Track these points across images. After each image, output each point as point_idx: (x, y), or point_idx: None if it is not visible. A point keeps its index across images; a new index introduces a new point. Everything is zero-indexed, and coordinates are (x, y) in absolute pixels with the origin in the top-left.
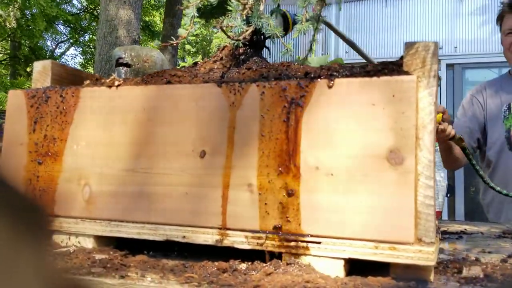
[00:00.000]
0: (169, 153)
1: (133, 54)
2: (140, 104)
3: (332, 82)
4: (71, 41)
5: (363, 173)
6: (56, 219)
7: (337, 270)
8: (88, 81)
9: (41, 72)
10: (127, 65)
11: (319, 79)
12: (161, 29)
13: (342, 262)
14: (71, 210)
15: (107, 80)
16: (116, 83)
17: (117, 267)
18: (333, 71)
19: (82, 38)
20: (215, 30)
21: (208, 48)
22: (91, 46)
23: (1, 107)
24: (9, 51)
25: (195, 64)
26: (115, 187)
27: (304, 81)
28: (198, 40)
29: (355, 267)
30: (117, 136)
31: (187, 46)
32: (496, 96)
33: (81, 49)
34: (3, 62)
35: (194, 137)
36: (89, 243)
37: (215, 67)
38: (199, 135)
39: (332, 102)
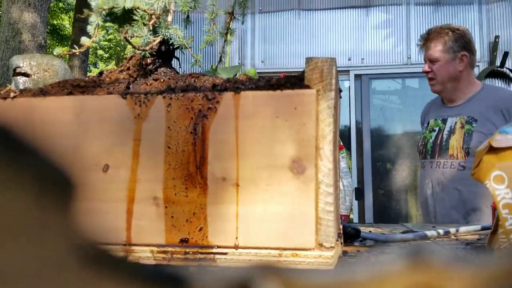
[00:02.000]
0: (70, 167)
1: (32, 63)
2: (38, 116)
3: (238, 95)
4: None
5: (267, 183)
6: None
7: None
8: None
9: None
10: (25, 74)
11: (225, 92)
12: (70, 33)
13: None
14: None
15: (2, 92)
16: (12, 94)
17: None
18: (240, 83)
19: None
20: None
21: (122, 53)
22: None
23: None
24: None
25: (101, 73)
26: None
27: (211, 93)
28: (112, 45)
29: None
30: None
31: (100, 51)
32: (428, 115)
33: None
34: None
35: (97, 150)
36: None
37: (121, 77)
38: (102, 148)
39: (238, 114)
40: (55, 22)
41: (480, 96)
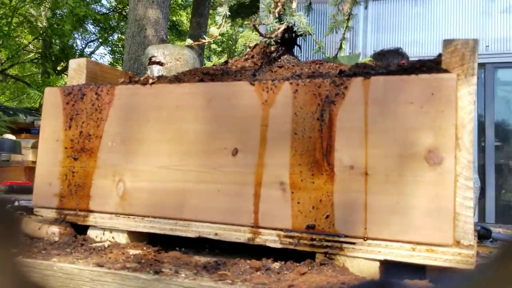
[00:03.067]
0: (201, 150)
1: (165, 52)
2: (173, 102)
3: (368, 80)
4: (100, 40)
5: (400, 173)
6: (91, 214)
7: (372, 272)
8: (122, 79)
9: (76, 70)
10: (159, 63)
11: (354, 77)
12: (188, 29)
13: (378, 263)
14: (105, 205)
15: (141, 78)
16: (150, 81)
17: (151, 263)
18: (369, 68)
19: (111, 37)
20: (240, 29)
21: (233, 47)
22: (120, 46)
23: (33, 104)
24: (40, 50)
25: (226, 62)
26: (148, 183)
27: (339, 79)
28: (224, 39)
29: (387, 269)
30: (151, 133)
31: (213, 46)
32: None
33: (109, 48)
34: (34, 60)
35: (226, 135)
36: (122, 238)
37: (247, 65)
38: (231, 133)
39: (368, 100)
40: (174, 18)
41: None
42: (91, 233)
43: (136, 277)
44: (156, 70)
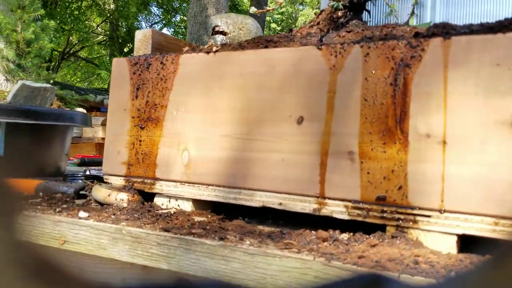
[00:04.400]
0: (266, 118)
1: (228, 21)
2: (237, 70)
3: (449, 41)
4: (164, 22)
5: (482, 141)
6: (157, 182)
7: (449, 246)
8: (186, 48)
9: (142, 40)
10: (223, 33)
11: (432, 38)
12: (247, 8)
13: (455, 238)
14: (171, 174)
15: (206, 47)
16: (214, 49)
17: (216, 230)
18: (450, 28)
19: (173, 18)
20: (300, 7)
21: (293, 26)
22: (182, 27)
23: (102, 85)
24: (108, 33)
25: (291, 30)
26: (212, 152)
27: (415, 41)
28: (284, 17)
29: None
30: (215, 102)
31: (273, 25)
32: None
33: (173, 29)
34: (102, 43)
35: (291, 102)
36: (187, 206)
37: (312, 31)
38: (297, 101)
39: (448, 63)
40: None
41: None
42: (157, 200)
43: (201, 242)
44: (219, 40)
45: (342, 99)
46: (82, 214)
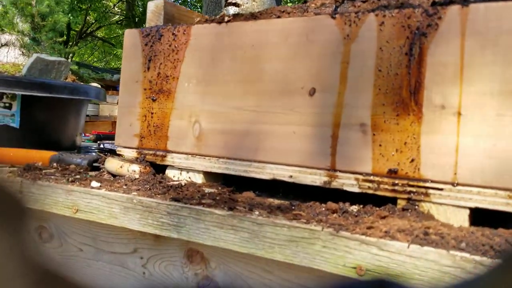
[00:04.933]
0: (278, 90)
1: None
2: (249, 40)
3: (466, 8)
4: (179, 1)
5: (499, 113)
6: (168, 154)
7: (461, 219)
8: (198, 19)
9: (154, 11)
10: (235, 4)
11: (450, 5)
12: None
13: (468, 211)
14: (182, 146)
15: (217, 16)
16: (226, 19)
17: (226, 200)
18: None
19: None
20: None
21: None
22: (198, 6)
23: (119, 65)
24: (124, 12)
25: (305, 1)
26: (223, 125)
27: (432, 8)
28: None
29: (476, 219)
30: (226, 73)
31: (289, 4)
32: None
33: (188, 8)
34: (119, 22)
35: (304, 74)
36: (198, 178)
37: (327, 2)
38: (309, 72)
39: (465, 31)
40: None
41: None
42: (168, 172)
43: (211, 212)
44: (232, 11)
45: (356, 70)
46: (95, 184)
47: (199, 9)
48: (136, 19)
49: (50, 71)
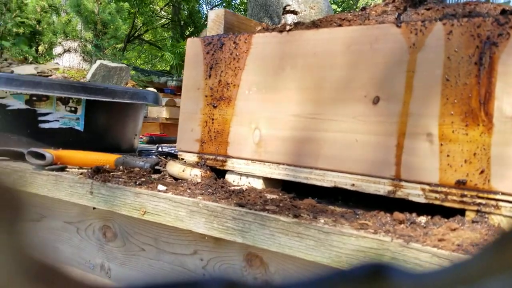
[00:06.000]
0: (339, 98)
1: (300, 0)
2: (310, 49)
3: None
4: (224, 4)
5: None
6: (228, 159)
7: None
8: (259, 27)
9: (214, 20)
10: (294, 12)
11: None
12: None
13: None
14: (242, 152)
15: (279, 25)
16: (287, 27)
17: (289, 207)
18: None
19: (233, 1)
20: None
21: (354, 7)
22: (242, 9)
23: (165, 67)
24: (170, 16)
25: (364, 9)
26: (283, 131)
27: (503, 17)
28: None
29: None
30: (287, 81)
31: (333, 6)
32: None
33: (232, 11)
34: (165, 26)
35: (367, 82)
36: (258, 184)
37: (388, 9)
38: (372, 80)
39: None
40: None
41: None
42: (228, 177)
43: (276, 218)
44: (290, 19)
45: (422, 79)
46: (161, 187)
47: (243, 12)
48: (182, 22)
49: (112, 76)
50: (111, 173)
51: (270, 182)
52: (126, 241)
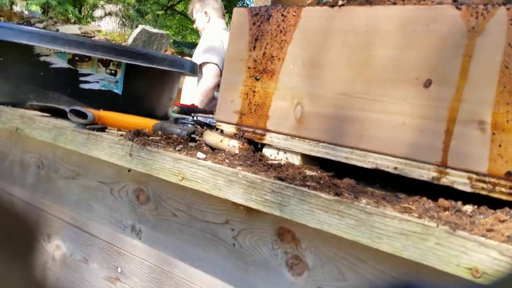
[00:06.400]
0: (389, 79)
1: None
2: (362, 26)
3: None
4: None
5: None
6: (267, 133)
7: None
8: (310, 1)
9: None
10: None
11: None
12: None
13: None
14: (282, 126)
15: (331, 0)
16: (340, 2)
17: (329, 185)
18: None
19: None
20: None
21: None
22: None
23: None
24: None
25: None
26: (327, 109)
27: None
28: None
29: None
30: (335, 57)
31: None
32: None
33: None
34: None
35: (419, 64)
36: (296, 160)
37: None
38: (425, 63)
39: None
40: None
41: None
42: (266, 151)
43: (316, 195)
44: None
45: (479, 65)
46: (200, 155)
47: None
48: None
49: (153, 42)
50: (150, 138)
51: (308, 159)
52: (158, 205)
